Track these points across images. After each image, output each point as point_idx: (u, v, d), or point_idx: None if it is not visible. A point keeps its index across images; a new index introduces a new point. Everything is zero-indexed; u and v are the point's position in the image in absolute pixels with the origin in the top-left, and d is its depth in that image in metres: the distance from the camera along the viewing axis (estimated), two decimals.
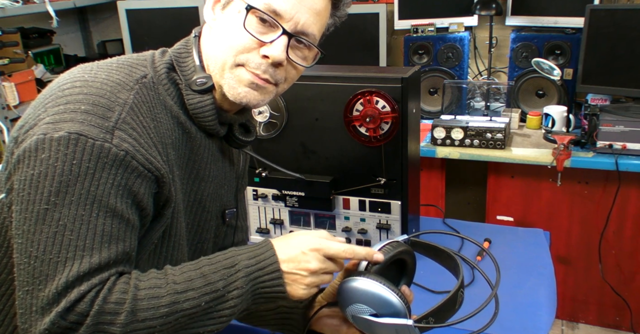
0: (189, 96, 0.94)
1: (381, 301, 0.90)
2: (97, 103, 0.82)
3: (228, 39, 0.92)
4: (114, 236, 0.80)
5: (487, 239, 1.64)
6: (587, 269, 2.50)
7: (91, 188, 0.78)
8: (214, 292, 0.83)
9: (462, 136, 2.43)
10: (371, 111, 1.43)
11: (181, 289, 0.81)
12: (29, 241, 0.77)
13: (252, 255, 0.87)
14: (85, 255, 0.77)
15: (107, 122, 0.80)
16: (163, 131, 0.89)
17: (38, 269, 0.76)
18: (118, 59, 0.95)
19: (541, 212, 2.49)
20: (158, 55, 0.97)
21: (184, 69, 0.96)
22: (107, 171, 0.79)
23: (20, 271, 0.78)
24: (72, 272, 0.75)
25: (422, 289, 1.43)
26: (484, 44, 2.89)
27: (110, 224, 0.79)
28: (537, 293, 1.40)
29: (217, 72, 0.95)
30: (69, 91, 0.83)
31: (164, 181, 0.87)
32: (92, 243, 0.77)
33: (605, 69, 2.42)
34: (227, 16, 0.94)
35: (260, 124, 1.56)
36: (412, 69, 1.47)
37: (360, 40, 2.97)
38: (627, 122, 2.22)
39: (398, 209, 1.52)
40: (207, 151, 1.01)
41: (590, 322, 2.61)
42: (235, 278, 0.84)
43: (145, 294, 0.79)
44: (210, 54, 0.96)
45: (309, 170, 1.56)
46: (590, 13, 2.40)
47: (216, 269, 0.84)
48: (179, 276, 0.83)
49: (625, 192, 2.31)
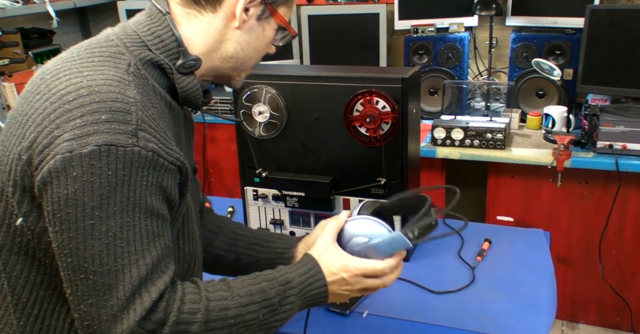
0: (179, 79, 0.94)
1: (372, 229, 1.03)
2: (114, 109, 0.80)
3: (259, 49, 1.02)
4: (157, 234, 0.84)
5: (487, 239, 1.64)
6: (587, 269, 2.50)
7: (130, 194, 0.80)
8: (271, 306, 0.93)
9: (462, 136, 2.43)
10: (371, 111, 1.43)
11: (245, 302, 0.90)
12: (81, 257, 0.79)
13: (302, 273, 0.98)
14: (139, 258, 0.81)
15: (129, 126, 0.80)
16: (161, 116, 0.90)
17: (99, 281, 0.79)
18: (88, 48, 0.91)
19: (541, 213, 2.49)
20: (123, 34, 0.93)
21: (165, 49, 0.93)
22: (141, 174, 0.81)
23: (76, 287, 0.80)
24: (133, 277, 0.80)
25: (422, 289, 1.43)
26: (484, 44, 2.89)
27: (152, 223, 0.83)
28: (537, 293, 1.40)
29: (232, 67, 1.00)
30: (77, 102, 0.80)
31: (185, 168, 0.90)
32: (142, 245, 0.82)
33: (605, 70, 2.42)
34: (264, 29, 1.00)
35: (260, 124, 1.56)
36: (412, 69, 1.48)
37: (360, 40, 2.97)
38: (627, 123, 2.22)
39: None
40: (182, 121, 1.02)
41: (590, 322, 2.61)
42: (290, 294, 0.95)
43: (215, 305, 0.87)
44: (230, 51, 0.98)
45: (309, 170, 1.56)
46: (590, 13, 2.40)
47: (272, 286, 0.94)
48: (241, 289, 0.91)
49: (626, 192, 2.31)
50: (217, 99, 2.99)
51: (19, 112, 0.86)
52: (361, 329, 1.30)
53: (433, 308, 1.36)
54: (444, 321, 1.30)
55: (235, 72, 1.03)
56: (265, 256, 1.22)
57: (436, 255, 1.59)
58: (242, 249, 1.23)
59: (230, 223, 1.27)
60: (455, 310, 1.34)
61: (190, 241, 1.02)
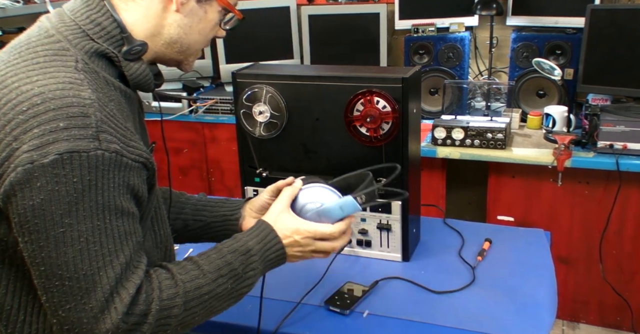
0: (127, 67, 0.93)
1: (325, 194, 1.12)
2: (71, 115, 0.78)
3: (204, 33, 1.00)
4: (128, 232, 0.85)
5: (487, 239, 1.64)
6: (588, 269, 2.50)
7: (98, 198, 0.80)
8: (237, 275, 0.97)
9: (463, 136, 2.43)
10: (371, 111, 1.42)
11: (214, 277, 0.94)
12: (54, 265, 0.79)
13: (260, 240, 1.02)
14: (113, 259, 0.82)
15: (89, 130, 0.79)
16: (119, 108, 0.89)
17: (75, 286, 0.80)
18: (30, 47, 0.86)
19: (542, 213, 2.49)
20: (62, 26, 0.89)
21: (107, 37, 0.91)
22: (107, 176, 0.81)
23: (52, 294, 0.80)
24: (109, 278, 0.81)
25: (422, 289, 1.43)
26: (484, 44, 2.89)
27: (122, 223, 0.84)
28: (538, 293, 1.40)
29: (178, 51, 0.99)
30: (32, 112, 0.77)
31: (150, 162, 0.91)
32: (115, 246, 0.82)
33: (606, 69, 2.42)
34: (206, 11, 0.98)
35: (260, 124, 1.56)
36: (413, 69, 1.47)
37: (360, 40, 2.97)
38: (627, 122, 2.22)
39: (398, 209, 1.52)
40: (136, 105, 1.02)
41: (591, 322, 2.61)
42: (252, 261, 0.99)
43: (190, 286, 0.90)
44: (174, 35, 0.97)
45: (309, 170, 1.56)
46: (590, 13, 2.40)
47: (236, 257, 0.98)
48: (209, 266, 0.95)
49: (626, 192, 2.31)
50: (217, 99, 3.00)
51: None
52: (361, 329, 1.30)
53: (433, 308, 1.36)
54: (444, 321, 1.30)
55: (182, 57, 1.01)
56: (213, 220, 1.26)
57: (436, 255, 1.59)
58: (189, 216, 1.26)
59: (173, 192, 1.28)
60: (455, 310, 1.34)
61: (163, 225, 1.06)
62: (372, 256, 1.59)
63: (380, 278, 1.47)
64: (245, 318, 1.33)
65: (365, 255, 1.60)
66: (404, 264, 1.56)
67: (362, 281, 1.45)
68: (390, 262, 1.57)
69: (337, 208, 1.08)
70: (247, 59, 2.78)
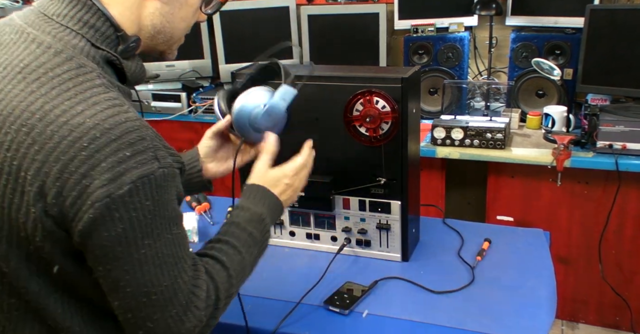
0: (127, 66, 0.91)
1: (260, 93, 1.18)
2: (132, 141, 0.78)
3: (186, 19, 0.97)
4: (184, 235, 0.89)
5: (487, 239, 1.64)
6: (587, 269, 2.50)
7: (165, 213, 0.83)
8: (259, 241, 1.05)
9: (462, 136, 2.43)
10: (371, 111, 1.43)
11: (246, 250, 1.01)
12: (140, 285, 0.82)
13: (265, 202, 1.10)
14: (183, 264, 0.87)
15: (149, 152, 0.80)
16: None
17: (160, 298, 0.84)
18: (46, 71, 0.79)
19: (541, 213, 2.49)
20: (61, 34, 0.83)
21: (104, 39, 0.87)
22: (167, 191, 0.83)
23: (138, 310, 0.83)
24: (185, 282, 0.86)
25: (422, 289, 1.43)
26: (484, 44, 2.89)
27: (180, 229, 0.88)
28: (537, 293, 1.40)
29: (162, 41, 0.96)
30: (95, 146, 0.75)
31: (184, 164, 0.93)
32: (181, 252, 0.87)
33: (605, 69, 2.42)
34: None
35: None
36: (412, 69, 1.47)
37: (360, 40, 2.97)
38: (627, 122, 2.22)
39: (398, 209, 1.52)
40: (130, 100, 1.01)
41: (590, 322, 2.61)
42: (265, 223, 1.07)
43: (235, 265, 0.98)
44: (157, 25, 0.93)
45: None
46: (590, 13, 2.40)
47: (254, 226, 1.05)
48: (238, 242, 1.01)
49: (626, 192, 2.31)
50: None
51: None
52: (361, 329, 1.30)
53: (432, 308, 1.36)
54: (444, 321, 1.30)
55: (166, 46, 0.98)
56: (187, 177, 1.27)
57: (436, 255, 1.59)
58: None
59: None
60: (455, 310, 1.34)
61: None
62: (371, 256, 1.59)
63: (380, 277, 1.47)
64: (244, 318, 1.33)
65: (365, 255, 1.60)
66: (403, 264, 1.56)
67: (362, 281, 1.46)
68: (390, 262, 1.57)
69: (280, 101, 1.16)
70: (246, 59, 2.78)
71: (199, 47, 3.11)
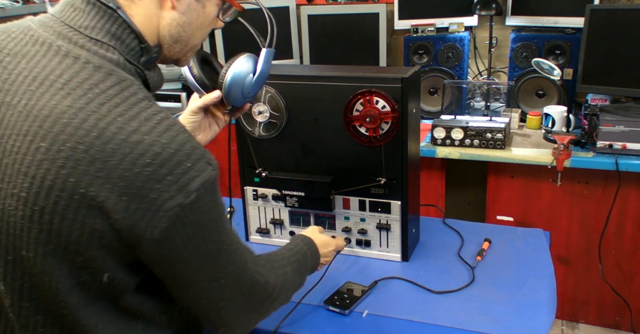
0: (151, 77, 0.92)
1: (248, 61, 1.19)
2: (188, 151, 0.81)
3: (202, 28, 0.97)
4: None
5: (487, 239, 1.64)
6: (587, 269, 2.50)
7: (220, 208, 0.88)
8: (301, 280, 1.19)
9: (462, 136, 2.43)
10: (371, 111, 1.43)
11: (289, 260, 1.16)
12: (212, 277, 0.89)
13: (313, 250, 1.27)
14: (240, 246, 0.95)
15: (204, 159, 0.83)
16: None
17: (229, 280, 0.92)
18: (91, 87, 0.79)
19: (541, 213, 2.49)
20: (99, 50, 0.83)
21: (129, 51, 0.87)
22: (218, 188, 0.87)
23: (210, 295, 0.91)
24: (248, 263, 0.96)
25: (422, 289, 1.43)
26: (484, 44, 2.89)
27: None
28: (537, 293, 1.40)
29: (179, 50, 0.96)
30: (158, 162, 0.78)
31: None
32: (237, 238, 0.94)
33: (605, 69, 2.42)
34: (204, 6, 0.95)
35: (260, 124, 1.56)
36: (412, 69, 1.48)
37: (360, 40, 2.97)
38: (627, 122, 2.22)
39: (398, 209, 1.52)
40: None
41: (590, 322, 2.61)
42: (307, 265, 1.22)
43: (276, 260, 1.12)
44: (174, 34, 0.92)
45: (309, 170, 1.56)
46: (590, 13, 2.40)
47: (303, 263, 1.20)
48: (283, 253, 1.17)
49: (625, 192, 2.31)
50: None
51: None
52: (361, 329, 1.30)
53: (433, 307, 1.36)
54: (444, 321, 1.30)
55: (181, 54, 0.99)
56: None
57: (436, 255, 1.59)
58: None
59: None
60: (455, 310, 1.34)
61: None
62: (371, 256, 1.59)
63: (380, 277, 1.47)
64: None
65: (365, 255, 1.60)
66: (403, 264, 1.56)
67: (362, 281, 1.46)
68: (390, 262, 1.57)
69: (265, 65, 1.19)
70: None
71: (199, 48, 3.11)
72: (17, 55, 0.82)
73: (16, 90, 0.79)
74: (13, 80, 0.80)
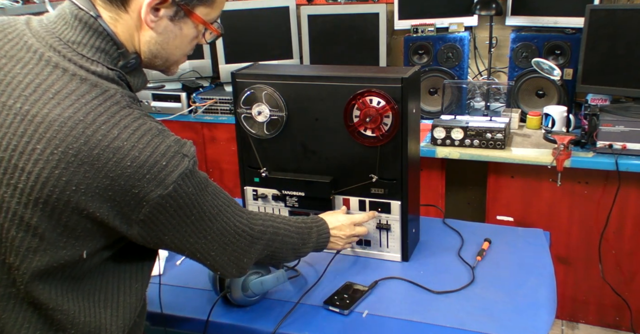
0: (133, 80, 1.00)
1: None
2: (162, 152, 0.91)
3: (182, 46, 1.03)
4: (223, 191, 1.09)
5: (487, 239, 1.64)
6: (587, 269, 2.50)
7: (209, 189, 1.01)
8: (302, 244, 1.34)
9: (462, 136, 2.43)
10: (369, 111, 1.43)
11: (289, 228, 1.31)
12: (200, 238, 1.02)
13: (319, 225, 1.40)
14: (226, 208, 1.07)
15: (179, 154, 0.93)
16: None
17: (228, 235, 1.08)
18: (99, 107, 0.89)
19: (541, 213, 2.49)
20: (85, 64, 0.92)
21: (109, 58, 0.95)
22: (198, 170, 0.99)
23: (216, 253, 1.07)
24: (229, 221, 1.08)
25: (422, 289, 1.43)
26: (484, 44, 2.89)
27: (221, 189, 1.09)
28: (537, 293, 1.40)
29: (161, 64, 1.04)
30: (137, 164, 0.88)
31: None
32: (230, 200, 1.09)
33: (605, 69, 2.42)
34: (182, 28, 1.00)
35: (260, 124, 1.55)
36: (412, 69, 1.47)
37: (360, 40, 2.97)
38: (627, 122, 2.22)
39: (398, 209, 1.52)
40: None
41: (590, 322, 2.61)
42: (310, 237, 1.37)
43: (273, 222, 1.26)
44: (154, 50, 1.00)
45: (309, 170, 1.56)
46: (590, 13, 2.40)
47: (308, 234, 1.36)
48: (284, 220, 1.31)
49: (625, 192, 2.31)
50: (217, 99, 2.99)
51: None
52: (361, 329, 1.30)
53: (433, 308, 1.36)
54: (444, 321, 1.30)
55: (164, 67, 1.06)
56: None
57: (436, 255, 1.59)
58: None
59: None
60: (455, 310, 1.34)
61: None
62: (371, 256, 1.59)
63: (380, 278, 1.47)
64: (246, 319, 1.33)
65: (365, 255, 1.60)
66: (403, 264, 1.56)
67: (362, 281, 1.46)
68: (390, 262, 1.57)
69: (273, 278, 1.36)
70: (246, 59, 2.78)
71: (199, 47, 3.10)
72: (13, 59, 0.91)
73: (11, 93, 0.88)
74: (8, 82, 0.89)
